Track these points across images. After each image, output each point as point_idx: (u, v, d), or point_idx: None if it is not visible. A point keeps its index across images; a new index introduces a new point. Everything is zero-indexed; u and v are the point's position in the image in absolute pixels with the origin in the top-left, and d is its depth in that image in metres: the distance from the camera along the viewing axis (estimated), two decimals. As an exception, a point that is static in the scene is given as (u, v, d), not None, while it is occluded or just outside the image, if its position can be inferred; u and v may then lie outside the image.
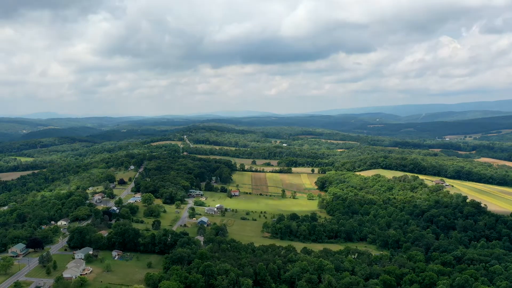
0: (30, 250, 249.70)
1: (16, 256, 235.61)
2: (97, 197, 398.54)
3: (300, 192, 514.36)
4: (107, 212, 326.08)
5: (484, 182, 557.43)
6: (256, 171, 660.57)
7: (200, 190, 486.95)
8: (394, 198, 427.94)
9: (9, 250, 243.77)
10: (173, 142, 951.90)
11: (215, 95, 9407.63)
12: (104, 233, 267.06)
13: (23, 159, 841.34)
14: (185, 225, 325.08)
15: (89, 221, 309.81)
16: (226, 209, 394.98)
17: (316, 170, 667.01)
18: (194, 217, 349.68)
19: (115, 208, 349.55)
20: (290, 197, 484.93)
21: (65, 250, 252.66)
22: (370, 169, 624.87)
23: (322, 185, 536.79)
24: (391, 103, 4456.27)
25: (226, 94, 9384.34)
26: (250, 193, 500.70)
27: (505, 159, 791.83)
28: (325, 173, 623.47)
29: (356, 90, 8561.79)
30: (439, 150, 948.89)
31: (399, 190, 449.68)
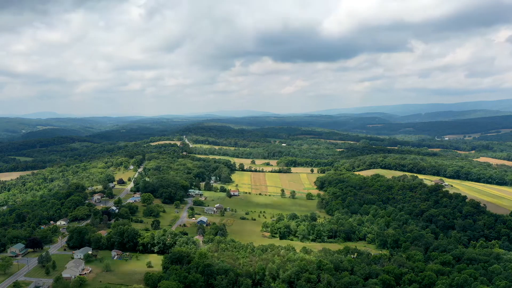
0: (29, 250, 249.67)
1: (15, 256, 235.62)
2: (96, 197, 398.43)
3: (299, 192, 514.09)
4: (107, 212, 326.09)
5: (483, 182, 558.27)
6: (255, 171, 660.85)
7: (200, 190, 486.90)
8: (393, 197, 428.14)
9: (8, 250, 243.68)
10: (172, 142, 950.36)
11: (229, 93, 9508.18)
12: (104, 233, 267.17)
13: (23, 159, 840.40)
14: (184, 225, 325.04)
15: (88, 221, 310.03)
16: (225, 209, 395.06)
17: (315, 170, 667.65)
18: (194, 217, 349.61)
19: (114, 208, 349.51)
20: (289, 197, 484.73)
21: (64, 250, 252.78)
22: (369, 169, 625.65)
23: (322, 185, 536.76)
24: (402, 101, 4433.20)
25: (238, 92, 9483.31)
26: (249, 193, 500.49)
27: (504, 159, 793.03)
28: (324, 173, 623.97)
29: (378, 89, 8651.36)
30: (438, 149, 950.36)
31: (398, 190, 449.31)
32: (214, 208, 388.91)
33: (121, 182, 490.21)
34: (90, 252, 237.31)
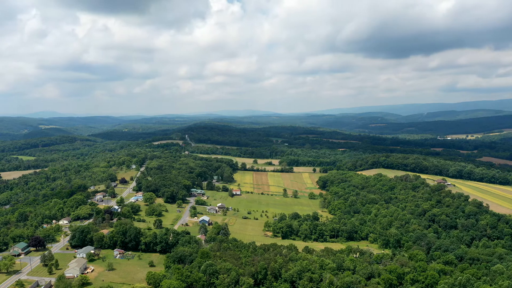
0: (32, 249, 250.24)
1: (17, 255, 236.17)
2: (98, 196, 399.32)
3: (301, 192, 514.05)
4: (109, 211, 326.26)
5: (486, 182, 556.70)
6: (257, 170, 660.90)
7: (202, 189, 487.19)
8: (396, 197, 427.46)
9: (11, 249, 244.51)
10: (174, 141, 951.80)
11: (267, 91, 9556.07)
12: (106, 232, 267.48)
13: (25, 158, 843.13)
14: (186, 224, 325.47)
15: (90, 220, 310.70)
16: (227, 208, 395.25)
17: (317, 169, 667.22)
18: (196, 216, 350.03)
19: (116, 207, 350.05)
20: (291, 196, 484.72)
21: (67, 249, 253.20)
22: (372, 168, 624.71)
23: (324, 185, 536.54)
24: (403, 101, 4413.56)
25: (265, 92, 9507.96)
26: (251, 192, 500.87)
27: (507, 158, 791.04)
28: (326, 172, 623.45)
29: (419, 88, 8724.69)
30: (441, 149, 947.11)
31: (400, 190, 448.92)
32: (216, 208, 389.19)
33: (123, 181, 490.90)
34: (92, 251, 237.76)
